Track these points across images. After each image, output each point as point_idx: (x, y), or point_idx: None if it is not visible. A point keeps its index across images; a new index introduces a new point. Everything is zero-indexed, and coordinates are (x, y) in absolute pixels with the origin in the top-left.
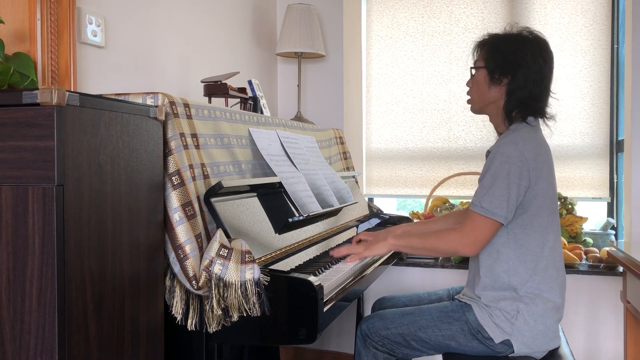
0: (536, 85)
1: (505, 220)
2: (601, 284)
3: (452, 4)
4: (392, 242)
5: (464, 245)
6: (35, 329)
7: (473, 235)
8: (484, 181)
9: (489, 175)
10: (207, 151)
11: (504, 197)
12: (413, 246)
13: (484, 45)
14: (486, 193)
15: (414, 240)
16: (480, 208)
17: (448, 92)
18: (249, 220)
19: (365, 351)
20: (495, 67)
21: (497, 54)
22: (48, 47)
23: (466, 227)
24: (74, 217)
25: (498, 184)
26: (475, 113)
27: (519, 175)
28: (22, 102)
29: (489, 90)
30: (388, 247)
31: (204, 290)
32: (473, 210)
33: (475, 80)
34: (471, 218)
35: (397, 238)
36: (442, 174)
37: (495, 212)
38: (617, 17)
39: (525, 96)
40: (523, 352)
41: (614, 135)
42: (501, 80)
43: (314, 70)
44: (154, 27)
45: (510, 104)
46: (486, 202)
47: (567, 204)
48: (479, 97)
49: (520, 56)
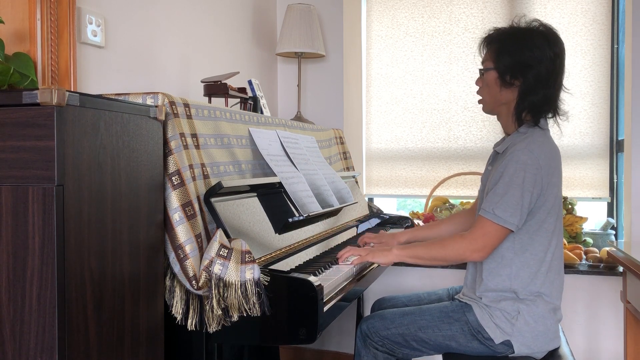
0: (548, 85)
1: (516, 228)
2: (601, 284)
3: (452, 4)
4: (397, 253)
5: (472, 251)
6: (35, 329)
7: (482, 242)
8: (497, 188)
9: (502, 182)
10: (207, 151)
11: (518, 206)
12: (418, 256)
13: (491, 43)
14: (500, 200)
15: (419, 251)
16: (493, 215)
17: (448, 92)
18: (249, 220)
19: (365, 351)
20: (505, 69)
21: (506, 55)
22: (48, 47)
23: (475, 233)
24: (74, 217)
25: (512, 192)
26: (487, 113)
27: (533, 183)
28: (22, 102)
29: (500, 92)
30: (392, 258)
31: (204, 290)
32: (485, 217)
33: (485, 81)
34: (481, 224)
35: (402, 249)
36: (442, 174)
37: (509, 220)
38: (617, 17)
39: (538, 99)
40: (523, 352)
41: (614, 135)
42: (512, 82)
43: (314, 70)
44: (154, 27)
45: (522, 107)
46: (500, 209)
47: (567, 204)
48: (491, 99)
49: (529, 55)
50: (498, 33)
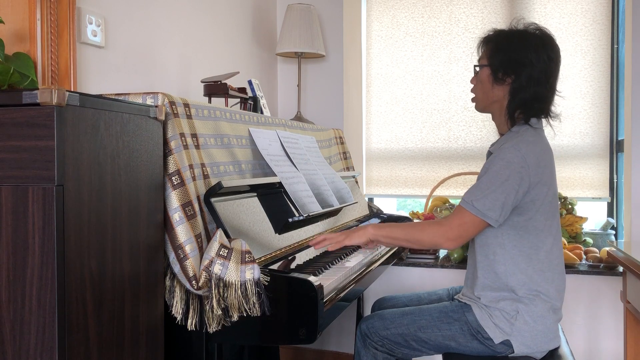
0: (540, 85)
1: (496, 223)
2: (601, 284)
3: (452, 4)
4: (372, 232)
5: (446, 239)
6: (35, 329)
7: (458, 231)
8: (480, 183)
9: (486, 177)
10: (207, 151)
11: (499, 202)
12: (394, 237)
13: (488, 42)
14: (480, 194)
15: (395, 231)
16: (472, 207)
17: (448, 92)
18: (249, 220)
19: (365, 351)
20: (498, 65)
21: (500, 53)
22: (48, 47)
23: (452, 222)
24: (74, 217)
25: (494, 188)
26: (479, 111)
27: (519, 182)
28: (22, 102)
29: (492, 89)
30: (368, 235)
31: (204, 290)
32: (463, 207)
33: (479, 78)
34: (459, 214)
35: (378, 228)
36: (442, 174)
37: (487, 214)
38: (617, 17)
39: (529, 97)
40: (523, 352)
41: (614, 135)
42: (504, 79)
43: (314, 70)
44: (154, 27)
45: (514, 105)
46: (479, 203)
47: (567, 204)
48: (483, 96)
49: (524, 55)
50: (495, 34)
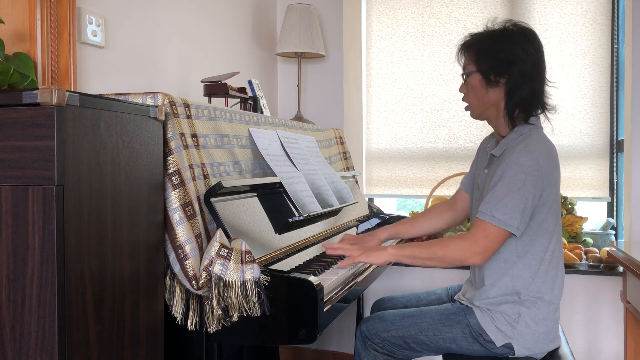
0: (534, 79)
1: (517, 231)
2: (601, 284)
3: (452, 4)
4: (393, 252)
5: (472, 254)
6: (35, 329)
7: (484, 244)
8: (496, 191)
9: (502, 184)
10: (207, 151)
11: (519, 208)
12: (415, 256)
13: (469, 47)
14: (499, 203)
15: (416, 250)
16: (492, 218)
17: (448, 92)
18: (249, 220)
19: (365, 353)
20: (488, 69)
21: (486, 55)
22: (48, 47)
23: (476, 236)
24: (74, 217)
25: (513, 195)
26: (476, 118)
27: (535, 185)
28: (22, 102)
29: (487, 94)
30: (387, 257)
31: (204, 290)
32: (483, 219)
33: (469, 86)
34: (481, 227)
35: (398, 248)
36: (442, 174)
37: (509, 222)
38: (617, 17)
39: (526, 93)
40: (524, 354)
41: (614, 135)
42: (498, 81)
43: (314, 70)
44: (154, 27)
45: (512, 104)
46: (499, 212)
47: (567, 204)
48: (478, 102)
49: (510, 52)
50: (474, 37)
